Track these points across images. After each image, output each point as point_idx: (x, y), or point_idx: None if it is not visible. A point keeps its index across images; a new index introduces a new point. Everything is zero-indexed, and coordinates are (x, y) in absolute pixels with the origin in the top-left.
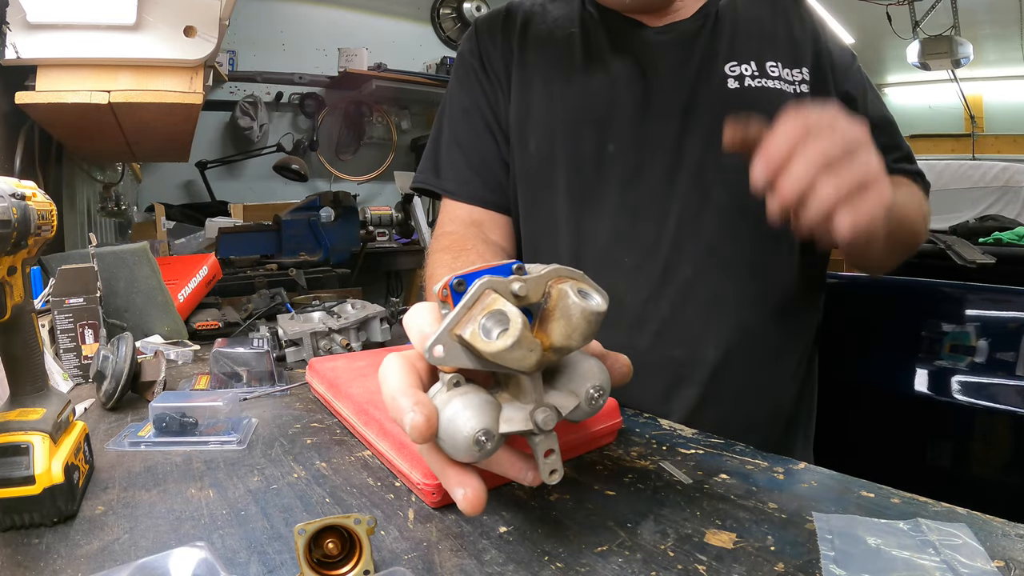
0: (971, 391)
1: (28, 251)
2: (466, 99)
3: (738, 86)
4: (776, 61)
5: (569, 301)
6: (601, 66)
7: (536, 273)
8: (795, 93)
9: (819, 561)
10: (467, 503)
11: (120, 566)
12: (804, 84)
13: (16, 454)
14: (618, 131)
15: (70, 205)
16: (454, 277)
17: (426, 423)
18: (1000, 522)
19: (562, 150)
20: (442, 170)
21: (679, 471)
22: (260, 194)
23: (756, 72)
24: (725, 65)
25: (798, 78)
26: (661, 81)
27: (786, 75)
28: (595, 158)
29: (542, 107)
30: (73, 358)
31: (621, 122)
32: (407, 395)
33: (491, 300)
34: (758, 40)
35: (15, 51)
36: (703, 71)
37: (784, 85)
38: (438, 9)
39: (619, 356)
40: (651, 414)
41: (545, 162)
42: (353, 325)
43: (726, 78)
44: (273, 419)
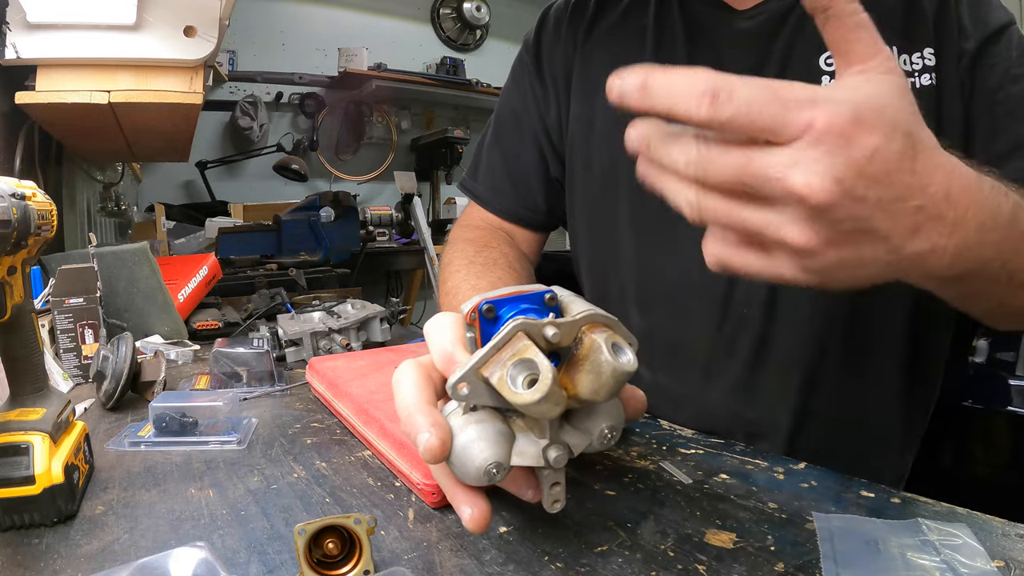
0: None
1: (28, 251)
2: (517, 102)
3: None
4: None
5: (602, 358)
6: (669, 52)
7: (571, 317)
8: (916, 87)
9: (819, 561)
10: (473, 523)
11: (120, 566)
12: (928, 73)
13: (16, 454)
14: None
15: (70, 205)
16: (484, 302)
17: (440, 447)
18: (1000, 522)
19: (625, 172)
20: (480, 174)
21: (679, 471)
22: (260, 194)
23: None
24: (821, 57)
25: (917, 66)
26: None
27: (902, 63)
28: None
29: (607, 118)
30: (73, 358)
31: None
32: (423, 413)
33: (523, 347)
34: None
35: (15, 51)
36: (791, 66)
37: None
38: (438, 9)
39: (635, 391)
40: None
41: (609, 185)
42: (353, 325)
43: (820, 74)
44: (273, 419)
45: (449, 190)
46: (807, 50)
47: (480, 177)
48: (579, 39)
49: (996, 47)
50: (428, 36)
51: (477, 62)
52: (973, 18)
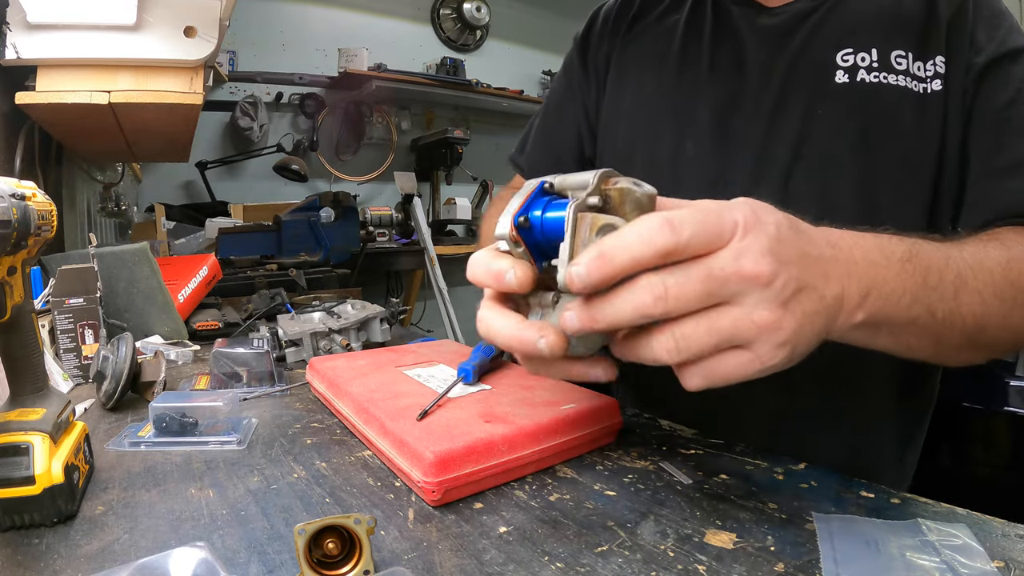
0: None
1: (28, 251)
2: (562, 88)
3: (848, 80)
4: (907, 51)
5: (637, 193)
6: (696, 56)
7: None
8: (924, 92)
9: (819, 561)
10: (611, 372)
11: (120, 566)
12: (938, 79)
13: (16, 454)
14: (699, 130)
15: (70, 205)
16: (515, 218)
17: (560, 340)
18: (1000, 522)
19: (641, 149)
20: (526, 148)
21: (679, 471)
22: (260, 194)
23: (876, 63)
24: (838, 53)
25: (929, 72)
26: (754, 73)
27: (915, 69)
28: (672, 159)
29: (631, 101)
30: (73, 358)
31: (702, 120)
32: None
33: (592, 220)
34: (888, 22)
35: (15, 51)
36: (806, 61)
37: (911, 82)
38: (438, 9)
39: None
40: None
41: (626, 162)
42: (353, 325)
43: (835, 70)
44: (273, 419)
45: (449, 190)
46: (823, 46)
47: (525, 152)
48: (620, 32)
49: (1013, 67)
50: (428, 36)
51: (477, 62)
52: (988, 34)
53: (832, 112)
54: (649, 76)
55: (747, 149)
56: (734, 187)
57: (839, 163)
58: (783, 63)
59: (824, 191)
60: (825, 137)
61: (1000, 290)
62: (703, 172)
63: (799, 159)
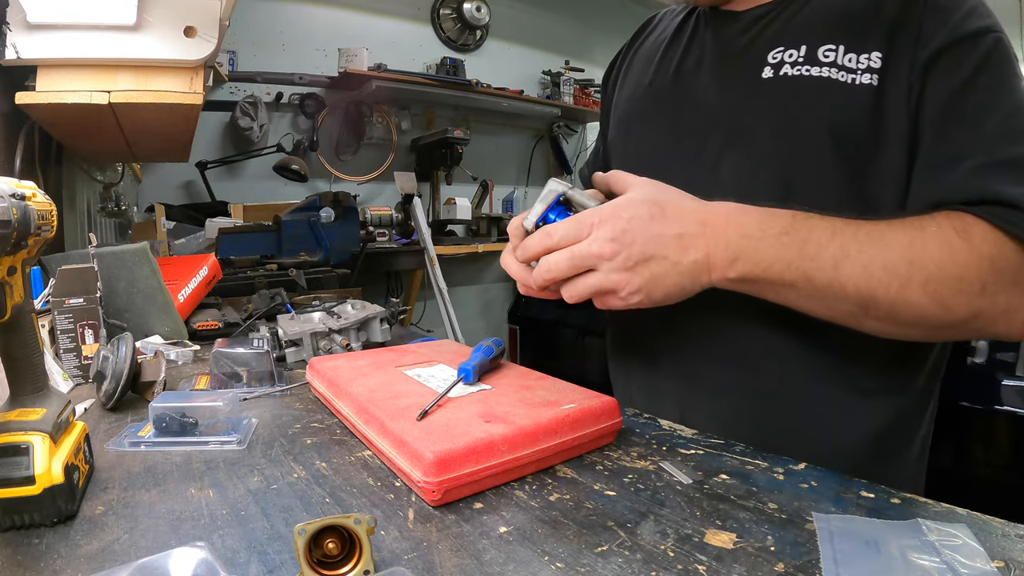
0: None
1: (28, 251)
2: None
3: (772, 75)
4: (836, 44)
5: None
6: (668, 63)
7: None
8: (853, 83)
9: (819, 561)
10: None
11: (120, 566)
12: (869, 73)
13: (16, 454)
14: (659, 126)
15: (70, 205)
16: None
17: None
18: (1000, 522)
19: (618, 145)
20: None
21: (679, 471)
22: (260, 194)
23: (802, 58)
24: (770, 52)
25: (862, 65)
26: (704, 73)
27: (846, 61)
28: (636, 153)
29: (627, 107)
30: (73, 358)
31: (660, 117)
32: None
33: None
34: (825, 19)
35: (15, 51)
36: (744, 61)
37: (839, 73)
38: (438, 9)
39: None
40: None
41: (616, 162)
42: (353, 325)
43: (763, 67)
44: (273, 419)
45: (449, 190)
46: (761, 46)
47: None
48: (634, 48)
49: (966, 50)
50: (428, 36)
51: (477, 62)
52: (937, 25)
53: (757, 105)
54: (632, 85)
55: (692, 141)
56: (680, 175)
57: (760, 151)
58: (727, 63)
59: (747, 176)
60: (751, 128)
61: (893, 265)
62: (660, 162)
63: (729, 147)
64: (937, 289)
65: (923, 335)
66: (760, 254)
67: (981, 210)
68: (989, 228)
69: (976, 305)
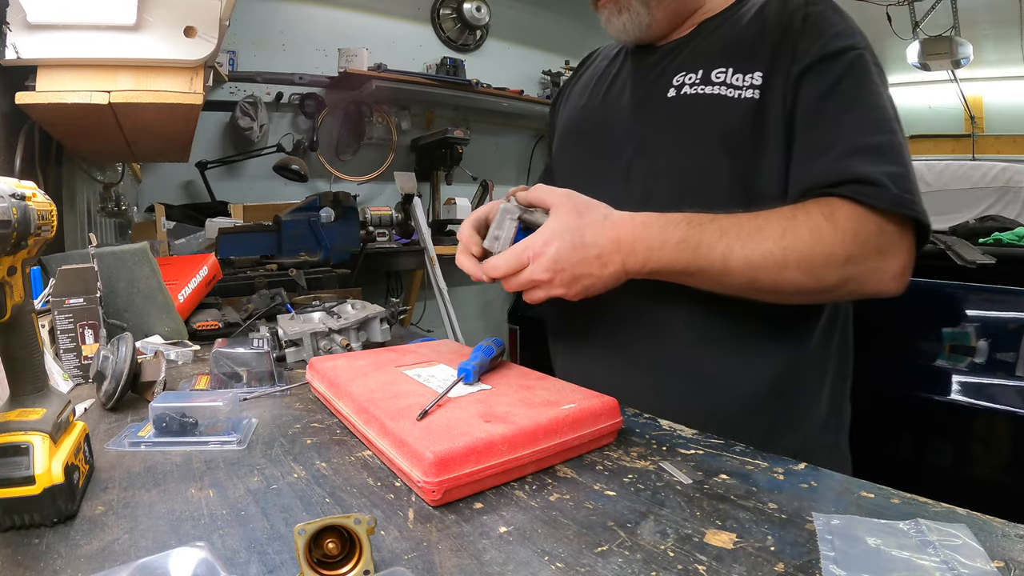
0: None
1: (28, 251)
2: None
3: (675, 94)
4: (727, 67)
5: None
6: (599, 88)
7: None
8: (738, 98)
9: (819, 561)
10: None
11: (120, 566)
12: (754, 89)
13: (16, 454)
14: (587, 142)
15: (70, 205)
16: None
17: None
18: (1000, 522)
19: (559, 159)
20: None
21: (679, 471)
22: (260, 194)
23: (698, 80)
24: (674, 76)
25: (747, 83)
26: (624, 97)
27: (734, 80)
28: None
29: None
30: (73, 358)
31: (590, 135)
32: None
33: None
34: (719, 49)
35: (15, 51)
36: (655, 85)
37: (727, 90)
38: (438, 9)
39: None
40: None
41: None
42: (353, 325)
43: (668, 88)
44: (273, 419)
45: (449, 190)
46: (668, 73)
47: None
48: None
49: (830, 66)
50: (428, 36)
51: (477, 62)
52: (809, 45)
53: (661, 119)
54: (569, 110)
55: (612, 154)
56: (603, 182)
57: (661, 157)
58: (641, 88)
59: (651, 179)
60: (655, 139)
61: (770, 253)
62: (589, 172)
63: (637, 156)
64: (809, 267)
65: (806, 300)
66: (663, 260)
67: (844, 189)
68: (851, 205)
69: (845, 273)
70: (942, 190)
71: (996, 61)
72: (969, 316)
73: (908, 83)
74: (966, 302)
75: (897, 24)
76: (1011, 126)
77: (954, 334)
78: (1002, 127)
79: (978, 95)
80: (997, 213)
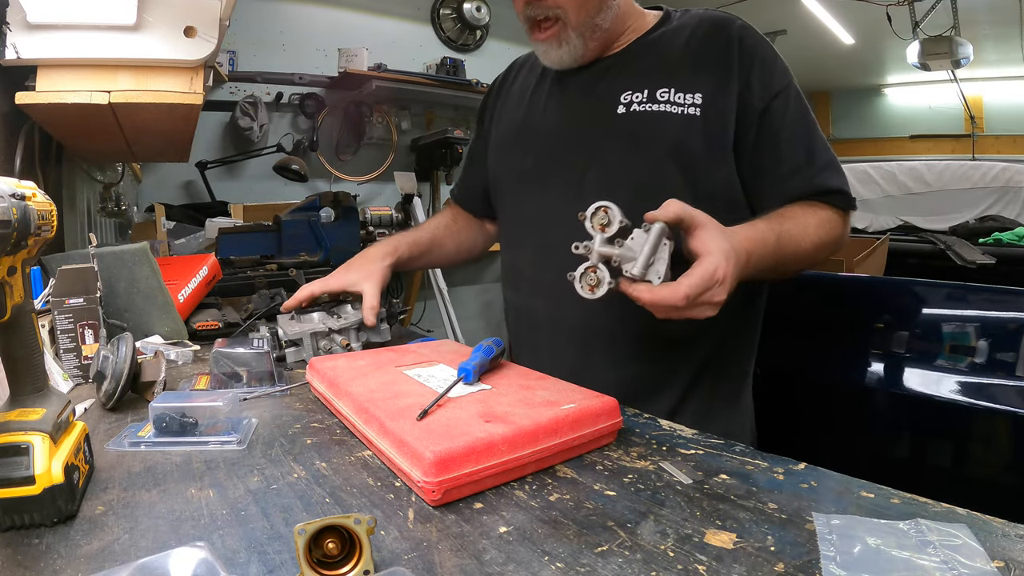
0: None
1: (28, 251)
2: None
3: (625, 111)
4: (670, 88)
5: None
6: (536, 106)
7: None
8: (682, 114)
9: (819, 561)
10: None
11: (120, 566)
12: (694, 107)
13: (16, 454)
14: (531, 153)
15: (70, 205)
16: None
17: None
18: (1000, 522)
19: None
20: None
21: (679, 471)
22: (260, 194)
23: (645, 99)
24: (621, 94)
25: (689, 102)
26: (568, 111)
27: (677, 99)
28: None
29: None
30: (73, 358)
31: (535, 145)
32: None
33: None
34: (661, 70)
35: (15, 51)
36: (601, 101)
37: (672, 108)
38: (438, 9)
39: None
40: None
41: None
42: (353, 325)
43: (617, 106)
44: (273, 419)
45: (449, 190)
46: (613, 89)
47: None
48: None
49: (778, 102)
50: (428, 36)
51: (477, 62)
52: (761, 83)
53: (611, 132)
54: (507, 120)
55: (561, 162)
56: (555, 186)
57: (615, 166)
58: (585, 103)
59: (605, 185)
60: (608, 150)
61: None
62: (535, 177)
63: (591, 165)
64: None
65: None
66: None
67: (829, 199)
68: (834, 210)
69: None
70: (942, 190)
71: (996, 61)
72: (969, 316)
73: (908, 83)
74: (966, 302)
75: (897, 24)
76: (1011, 126)
77: (954, 334)
78: (1002, 127)
79: (978, 95)
80: (997, 213)
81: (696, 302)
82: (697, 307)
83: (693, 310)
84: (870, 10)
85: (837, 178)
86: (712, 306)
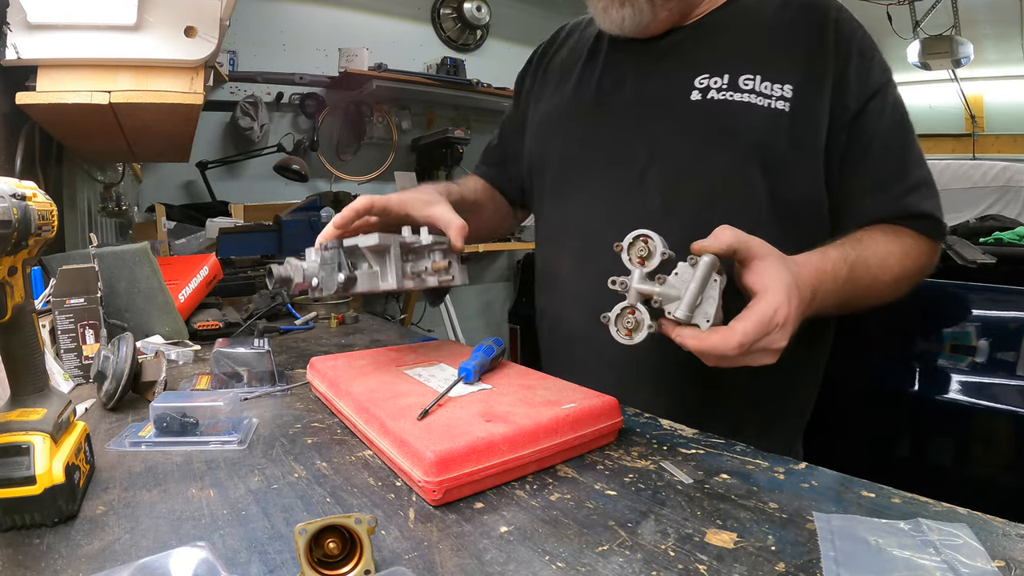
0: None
1: (28, 251)
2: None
3: (700, 98)
4: (755, 75)
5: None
6: (589, 78)
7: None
8: (768, 108)
9: (820, 561)
10: None
11: (121, 566)
12: (783, 100)
13: (17, 454)
14: (579, 136)
15: (70, 205)
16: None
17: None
18: (1000, 522)
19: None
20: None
21: (679, 471)
22: (260, 194)
23: (725, 85)
24: (697, 77)
25: (777, 93)
26: (627, 91)
27: (763, 88)
28: (557, 157)
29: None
30: (74, 358)
31: (581, 128)
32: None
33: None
34: (743, 53)
35: (15, 51)
36: (670, 84)
37: (758, 99)
38: (438, 9)
39: None
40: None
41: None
42: (441, 246)
43: (691, 90)
44: (274, 419)
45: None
46: (685, 71)
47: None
48: (549, 54)
49: (874, 104)
50: (428, 36)
51: (477, 62)
52: (859, 80)
53: (686, 123)
54: (548, 98)
55: (617, 152)
56: (610, 189)
57: (684, 162)
58: (652, 85)
59: (670, 185)
60: (677, 142)
61: (895, 274)
62: (580, 169)
63: (655, 160)
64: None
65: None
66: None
67: (914, 224)
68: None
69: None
70: (942, 190)
71: (996, 60)
72: (969, 316)
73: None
74: (966, 302)
75: (897, 23)
76: (1011, 125)
77: (955, 333)
78: (1002, 126)
79: (978, 94)
80: (997, 212)
81: (751, 350)
82: (752, 355)
83: (748, 357)
84: (870, 9)
85: (929, 200)
86: (771, 353)
